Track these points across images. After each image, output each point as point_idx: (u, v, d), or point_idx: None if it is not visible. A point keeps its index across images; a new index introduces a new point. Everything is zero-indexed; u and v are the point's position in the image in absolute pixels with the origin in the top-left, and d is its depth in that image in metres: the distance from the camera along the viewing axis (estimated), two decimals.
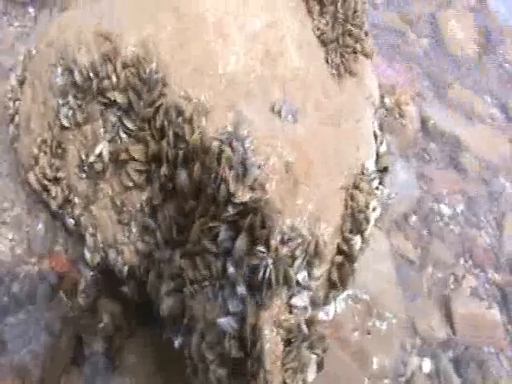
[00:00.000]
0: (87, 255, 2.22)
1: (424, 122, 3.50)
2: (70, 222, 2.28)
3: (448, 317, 2.76)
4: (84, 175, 2.16)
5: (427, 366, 2.59)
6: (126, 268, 2.10)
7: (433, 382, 2.54)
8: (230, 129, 1.86)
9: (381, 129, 2.25)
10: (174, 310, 1.93)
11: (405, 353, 2.58)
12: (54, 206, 2.29)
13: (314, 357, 1.86)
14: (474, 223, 3.15)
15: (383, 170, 2.21)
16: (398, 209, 3.04)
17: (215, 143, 1.84)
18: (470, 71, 3.91)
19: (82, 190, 2.19)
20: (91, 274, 2.29)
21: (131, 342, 2.22)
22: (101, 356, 2.18)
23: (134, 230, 2.06)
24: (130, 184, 2.03)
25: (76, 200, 2.23)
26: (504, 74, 4.00)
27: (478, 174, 3.38)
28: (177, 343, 1.94)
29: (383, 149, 2.22)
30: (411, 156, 3.31)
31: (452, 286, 2.88)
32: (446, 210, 3.16)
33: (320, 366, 1.90)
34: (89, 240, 2.20)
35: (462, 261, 2.98)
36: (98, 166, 2.07)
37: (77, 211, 2.24)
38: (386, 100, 3.33)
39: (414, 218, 3.07)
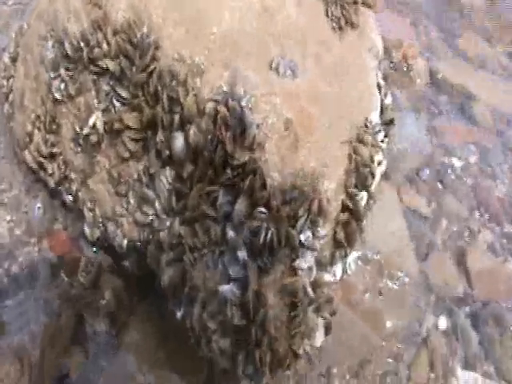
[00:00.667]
0: (87, 231, 2.17)
1: (433, 74, 3.41)
2: (69, 198, 2.23)
3: (464, 272, 2.69)
4: (79, 149, 2.11)
5: (443, 323, 2.52)
6: (125, 241, 2.05)
7: (449, 338, 2.48)
8: (225, 88, 1.80)
9: (385, 80, 2.17)
10: (175, 280, 1.87)
11: (420, 311, 2.51)
12: (51, 183, 2.24)
13: (321, 320, 1.80)
14: (489, 174, 3.07)
15: (388, 123, 2.13)
16: (409, 164, 2.97)
17: (210, 104, 1.78)
18: (479, 19, 3.79)
19: (79, 165, 2.14)
20: (92, 250, 2.23)
21: (133, 319, 2.17)
22: (103, 334, 2.14)
23: (132, 201, 2.01)
24: (126, 154, 1.97)
25: (73, 175, 2.18)
26: None
27: (490, 125, 3.28)
28: (179, 314, 1.89)
29: (388, 101, 2.14)
30: (421, 110, 3.23)
31: (467, 240, 2.80)
32: (458, 162, 3.08)
33: (328, 329, 1.84)
34: (87, 215, 2.15)
35: (477, 214, 2.90)
36: (93, 138, 2.02)
37: (74, 187, 2.19)
38: (393, 54, 3.25)
39: (426, 172, 2.98)
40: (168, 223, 1.90)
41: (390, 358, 2.39)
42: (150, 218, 1.96)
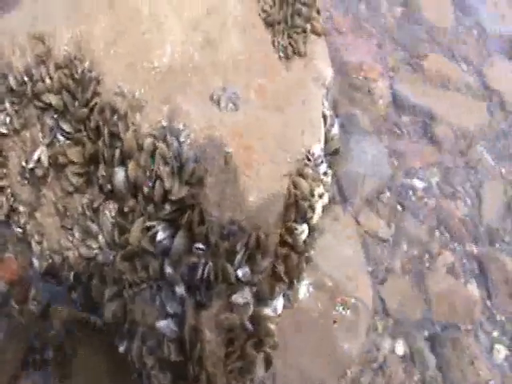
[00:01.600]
0: (35, 262, 2.18)
1: (395, 96, 3.39)
2: (18, 230, 2.24)
3: (423, 295, 2.66)
4: (26, 182, 2.11)
5: (401, 347, 2.50)
6: (71, 274, 2.06)
7: (407, 364, 2.46)
8: (164, 123, 1.81)
9: (334, 109, 2.18)
10: (117, 314, 1.88)
11: (377, 336, 2.49)
12: (1, 215, 2.25)
13: (260, 355, 1.80)
14: (451, 195, 3.03)
15: (334, 153, 2.14)
16: (369, 187, 2.93)
17: (148, 140, 1.79)
18: (445, 40, 3.79)
19: (26, 198, 2.15)
20: (42, 281, 2.23)
21: (82, 349, 2.16)
22: (52, 363, 2.13)
23: (76, 234, 2.02)
24: (71, 188, 1.98)
25: (21, 208, 2.19)
26: (479, 41, 3.87)
27: (453, 145, 3.24)
28: (121, 349, 1.90)
29: (335, 131, 2.15)
30: (383, 132, 3.20)
31: (427, 264, 2.78)
32: (419, 184, 3.05)
33: (268, 363, 1.83)
34: (35, 247, 2.16)
35: (437, 234, 2.88)
36: (39, 172, 2.03)
37: (22, 219, 2.20)
38: (354, 77, 3.26)
39: (386, 195, 2.97)
40: (111, 257, 1.91)
41: None
42: (95, 251, 1.97)
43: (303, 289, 2.37)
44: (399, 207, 2.95)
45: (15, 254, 2.33)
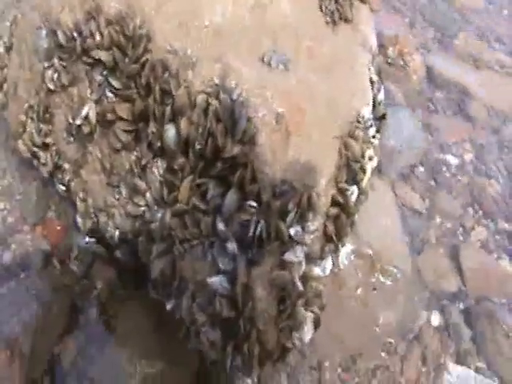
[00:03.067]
0: (79, 221, 2.18)
1: (429, 71, 3.38)
2: (61, 188, 2.24)
3: (458, 268, 2.67)
4: (72, 139, 2.11)
5: (436, 319, 2.52)
6: (117, 232, 2.06)
7: (442, 335, 2.47)
8: (216, 81, 1.80)
9: (379, 76, 2.16)
10: (165, 272, 1.88)
11: (413, 307, 2.50)
12: (44, 172, 2.25)
13: (310, 314, 1.79)
14: (484, 172, 3.04)
15: (381, 118, 2.12)
16: (404, 161, 2.94)
17: (201, 96, 1.78)
18: (476, 19, 3.75)
19: (71, 155, 2.14)
20: (85, 240, 2.24)
21: (126, 307, 2.17)
22: (95, 323, 2.14)
23: (123, 192, 2.01)
24: (119, 145, 1.97)
25: (66, 165, 2.19)
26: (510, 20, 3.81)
27: (486, 122, 3.25)
28: (169, 306, 1.89)
29: (381, 96, 2.13)
30: (417, 106, 3.20)
31: (461, 237, 2.79)
32: (453, 159, 3.06)
33: (317, 324, 1.83)
34: (79, 205, 2.15)
35: (471, 211, 2.88)
36: (86, 129, 2.02)
37: (67, 177, 2.20)
38: (389, 50, 3.23)
39: (420, 169, 2.97)
40: (159, 215, 1.91)
41: (382, 352, 2.39)
42: (142, 209, 1.97)
43: (344, 255, 2.36)
44: (433, 182, 2.94)
45: (58, 213, 2.34)
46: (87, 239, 2.23)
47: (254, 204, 1.73)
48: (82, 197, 2.15)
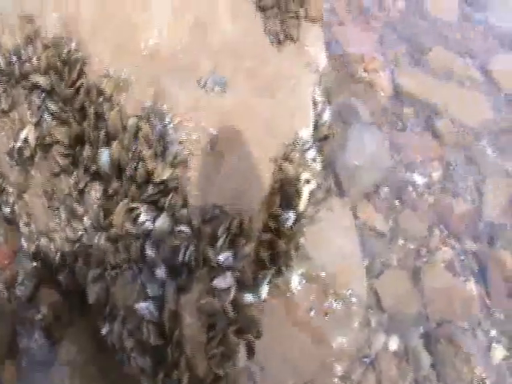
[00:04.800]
0: (24, 244, 2.17)
1: (397, 88, 3.33)
2: (7, 211, 2.24)
3: (419, 291, 2.62)
4: (15, 163, 2.10)
5: (394, 344, 2.45)
6: (58, 256, 2.04)
7: (400, 360, 2.41)
8: (148, 104, 1.79)
9: (327, 96, 2.14)
10: (100, 296, 1.86)
11: (370, 331, 2.45)
12: None
13: (242, 342, 1.76)
14: (452, 191, 2.98)
15: (323, 139, 2.09)
16: (368, 180, 2.88)
17: (132, 120, 1.77)
18: (449, 34, 3.72)
19: (15, 178, 2.14)
20: (32, 264, 2.22)
21: (69, 333, 2.15)
22: (38, 348, 2.12)
23: (63, 216, 2.00)
24: (57, 169, 1.97)
25: (10, 189, 2.18)
26: (487, 36, 3.79)
27: (456, 140, 3.19)
28: (104, 331, 1.87)
29: (326, 117, 2.10)
30: (384, 124, 3.14)
31: (425, 259, 2.73)
32: (420, 178, 3.00)
33: (250, 351, 1.80)
34: (23, 229, 2.15)
35: (436, 231, 2.82)
36: (26, 152, 2.02)
37: (11, 200, 2.19)
38: (356, 68, 3.20)
39: (385, 189, 2.90)
40: (96, 239, 1.89)
41: (336, 379, 2.34)
42: (80, 233, 1.95)
43: (295, 279, 2.33)
44: (397, 202, 2.90)
45: (5, 237, 2.33)
46: (35, 263, 2.22)
47: (185, 229, 1.71)
48: (26, 220, 2.14)
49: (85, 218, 1.93)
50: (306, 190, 1.88)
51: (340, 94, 3.08)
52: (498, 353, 2.54)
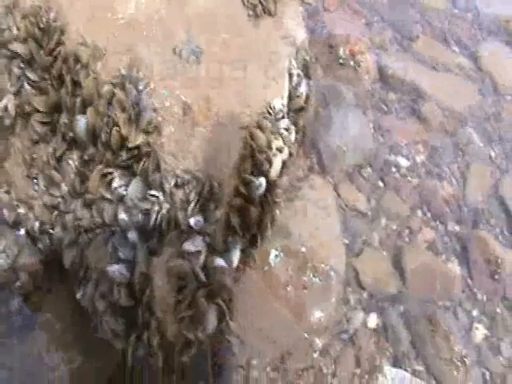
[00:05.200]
0: (5, 213, 2.19)
1: (382, 71, 3.31)
2: None
3: (400, 270, 2.60)
4: None
5: (373, 321, 2.45)
6: (36, 223, 2.07)
7: (379, 337, 2.41)
8: (123, 72, 1.82)
9: (305, 69, 2.16)
10: (75, 261, 1.88)
11: (349, 308, 2.45)
12: None
13: (212, 306, 1.78)
14: (436, 174, 2.95)
15: (298, 110, 2.11)
16: (350, 160, 2.87)
17: (107, 87, 1.80)
18: (437, 22, 3.71)
19: None
20: (15, 233, 2.25)
21: (48, 300, 2.17)
22: (17, 314, 2.14)
23: (41, 183, 2.03)
24: (35, 137, 2.00)
25: None
26: (475, 24, 3.78)
27: (441, 124, 3.16)
28: (78, 295, 1.90)
29: (302, 89, 2.12)
30: (369, 107, 3.14)
31: (407, 239, 2.72)
32: (404, 161, 2.98)
33: (222, 316, 1.82)
34: (3, 197, 2.17)
35: (419, 213, 2.81)
36: (7, 121, 2.04)
37: None
38: (340, 50, 3.20)
39: (368, 170, 2.90)
40: (73, 206, 1.92)
41: (314, 353, 2.35)
42: (57, 200, 1.98)
43: (273, 253, 2.35)
44: (381, 183, 2.90)
45: None
46: (21, 232, 2.24)
47: (157, 194, 1.74)
48: (6, 189, 2.17)
49: (63, 185, 1.96)
50: (278, 158, 1.90)
51: (326, 76, 3.09)
52: (479, 332, 2.55)
